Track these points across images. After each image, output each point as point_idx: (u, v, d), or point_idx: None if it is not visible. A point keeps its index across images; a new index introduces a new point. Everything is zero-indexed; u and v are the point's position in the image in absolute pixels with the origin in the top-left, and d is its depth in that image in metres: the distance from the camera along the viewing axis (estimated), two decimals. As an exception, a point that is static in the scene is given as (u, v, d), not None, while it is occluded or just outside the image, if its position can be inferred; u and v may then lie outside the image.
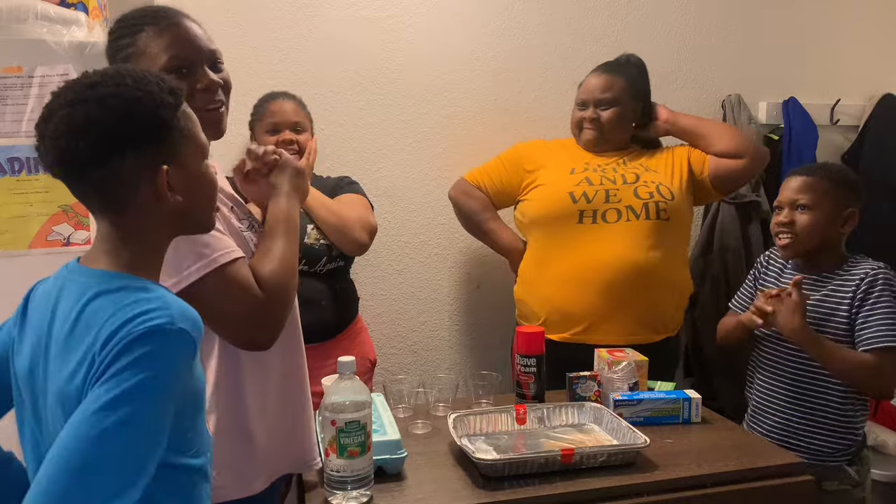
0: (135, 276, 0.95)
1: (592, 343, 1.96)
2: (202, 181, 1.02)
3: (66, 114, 0.92)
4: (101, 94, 0.92)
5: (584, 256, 2.03)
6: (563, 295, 2.05)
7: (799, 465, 1.45)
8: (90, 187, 0.95)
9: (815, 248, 1.80)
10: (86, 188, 0.96)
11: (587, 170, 2.12)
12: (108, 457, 0.80)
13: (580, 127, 2.20)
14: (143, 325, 0.85)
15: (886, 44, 2.87)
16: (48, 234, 1.71)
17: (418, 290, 2.55)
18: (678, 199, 2.10)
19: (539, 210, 2.12)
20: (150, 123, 0.94)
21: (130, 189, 0.94)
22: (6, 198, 1.69)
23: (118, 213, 0.96)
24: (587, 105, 2.19)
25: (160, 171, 0.95)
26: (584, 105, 2.20)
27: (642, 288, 2.00)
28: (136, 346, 0.84)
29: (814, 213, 1.77)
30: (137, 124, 0.93)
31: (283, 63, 2.36)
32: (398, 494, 1.31)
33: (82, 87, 0.94)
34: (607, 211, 2.05)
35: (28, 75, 1.67)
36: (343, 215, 1.99)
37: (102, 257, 0.97)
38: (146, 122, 0.94)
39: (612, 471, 1.38)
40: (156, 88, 0.96)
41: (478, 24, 2.51)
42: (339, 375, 1.27)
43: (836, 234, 1.80)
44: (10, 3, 1.65)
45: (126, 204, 0.95)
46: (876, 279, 1.73)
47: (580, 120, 2.19)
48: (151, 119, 0.94)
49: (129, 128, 0.93)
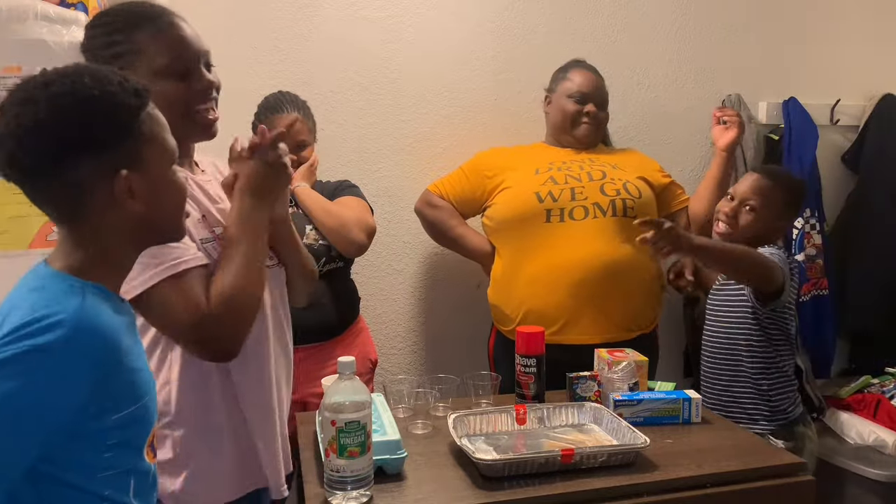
0: (72, 277, 0.89)
1: (568, 343, 1.99)
2: (167, 188, 0.97)
3: (16, 114, 0.87)
4: (53, 93, 0.87)
5: (554, 256, 2.04)
6: (536, 296, 2.05)
7: (799, 465, 1.45)
8: (39, 191, 0.90)
9: (745, 242, 1.88)
10: (35, 192, 0.91)
11: (551, 169, 2.13)
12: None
13: (575, 120, 2.20)
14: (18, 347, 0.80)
15: (886, 44, 2.87)
16: (48, 234, 1.71)
17: (418, 290, 2.55)
18: (645, 196, 2.13)
19: (506, 212, 2.12)
20: (106, 125, 0.89)
21: (84, 195, 0.89)
22: (6, 198, 1.69)
23: (71, 220, 0.91)
24: (587, 100, 2.20)
25: (118, 177, 0.89)
26: (583, 99, 2.20)
27: (613, 284, 2.02)
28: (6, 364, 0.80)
29: (757, 216, 1.90)
30: (90, 126, 0.88)
31: (283, 63, 2.36)
32: (398, 494, 1.31)
33: (35, 86, 0.88)
34: (574, 209, 2.06)
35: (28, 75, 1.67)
36: (341, 216, 1.99)
37: (58, 261, 0.93)
38: (101, 124, 0.89)
39: (611, 471, 1.38)
40: (117, 88, 0.90)
41: (477, 23, 2.51)
42: (339, 375, 1.26)
43: (766, 238, 1.91)
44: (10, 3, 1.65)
45: (80, 211, 0.90)
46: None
47: (577, 113, 2.20)
48: (107, 121, 0.89)
49: (81, 130, 0.87)
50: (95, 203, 0.90)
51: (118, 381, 0.88)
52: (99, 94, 0.88)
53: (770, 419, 1.88)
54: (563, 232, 2.05)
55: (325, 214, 1.98)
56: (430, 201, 2.29)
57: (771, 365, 1.88)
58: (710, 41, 2.71)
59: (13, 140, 0.87)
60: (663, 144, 2.67)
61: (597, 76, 2.26)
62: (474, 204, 2.24)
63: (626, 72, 2.63)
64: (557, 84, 2.26)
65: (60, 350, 0.82)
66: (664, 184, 2.25)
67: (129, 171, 0.90)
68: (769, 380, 1.88)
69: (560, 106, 2.23)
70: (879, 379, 2.64)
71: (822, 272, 2.64)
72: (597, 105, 2.21)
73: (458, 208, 2.26)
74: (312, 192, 2.03)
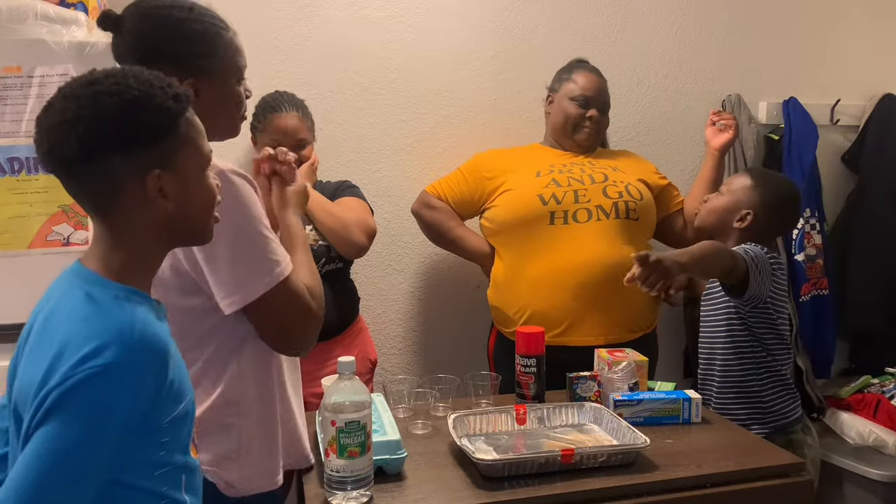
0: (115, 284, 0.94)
1: (571, 345, 1.98)
2: (197, 190, 1.00)
3: (61, 108, 0.92)
4: (97, 91, 0.92)
5: (558, 258, 2.03)
6: (540, 298, 2.04)
7: (799, 465, 1.45)
8: (79, 184, 0.95)
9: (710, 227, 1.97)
10: (75, 184, 0.96)
11: (552, 171, 2.13)
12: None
13: (577, 124, 2.20)
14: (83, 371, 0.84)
15: (886, 44, 2.87)
16: (48, 234, 1.71)
17: (418, 290, 2.55)
18: (646, 199, 2.14)
19: (508, 214, 2.11)
20: (144, 125, 0.93)
21: (117, 189, 0.94)
22: (6, 198, 1.69)
23: (105, 212, 0.96)
24: (590, 104, 2.19)
25: (151, 175, 0.94)
26: (586, 103, 2.19)
27: (616, 286, 1.99)
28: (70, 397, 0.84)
29: (720, 199, 1.96)
30: (129, 124, 0.92)
31: (283, 63, 2.36)
32: (398, 494, 1.31)
33: (81, 83, 0.93)
34: (577, 211, 2.05)
35: (28, 75, 1.67)
36: (342, 218, 1.98)
37: (94, 260, 0.97)
38: (139, 124, 0.93)
39: (612, 471, 1.38)
40: (158, 91, 0.95)
41: (478, 24, 2.51)
42: (339, 375, 1.27)
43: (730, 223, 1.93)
44: (10, 3, 1.66)
45: (112, 204, 0.95)
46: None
47: (579, 117, 2.19)
48: (146, 121, 0.93)
49: (120, 127, 0.92)
50: (127, 198, 0.94)
51: (170, 384, 0.93)
52: (141, 95, 0.93)
53: (763, 422, 1.84)
54: (566, 234, 2.04)
55: (326, 215, 1.98)
56: (427, 203, 2.28)
57: (761, 366, 1.84)
58: (710, 41, 2.71)
59: (56, 133, 0.91)
60: (663, 144, 2.67)
61: (600, 79, 2.24)
62: (473, 206, 2.24)
63: (626, 72, 2.63)
64: (560, 84, 2.25)
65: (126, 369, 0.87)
66: (661, 185, 2.25)
67: (163, 171, 0.95)
68: (760, 381, 1.84)
69: (562, 108, 2.22)
70: (879, 379, 2.64)
71: (822, 272, 2.64)
72: (599, 109, 2.20)
73: (456, 210, 2.25)
74: (314, 191, 2.03)
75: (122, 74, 0.95)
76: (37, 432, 0.84)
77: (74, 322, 0.89)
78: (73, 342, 0.87)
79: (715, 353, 1.90)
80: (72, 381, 0.84)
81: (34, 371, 0.88)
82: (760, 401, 1.85)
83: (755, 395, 1.85)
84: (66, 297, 0.94)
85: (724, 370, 1.88)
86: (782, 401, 1.87)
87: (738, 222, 1.91)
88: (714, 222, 1.96)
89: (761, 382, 1.85)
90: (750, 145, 2.65)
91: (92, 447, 0.84)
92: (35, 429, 0.84)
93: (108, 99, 0.91)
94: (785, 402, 1.87)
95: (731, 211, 1.92)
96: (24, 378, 0.91)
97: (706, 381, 1.94)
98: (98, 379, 0.84)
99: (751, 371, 1.85)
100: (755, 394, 1.85)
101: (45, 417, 0.84)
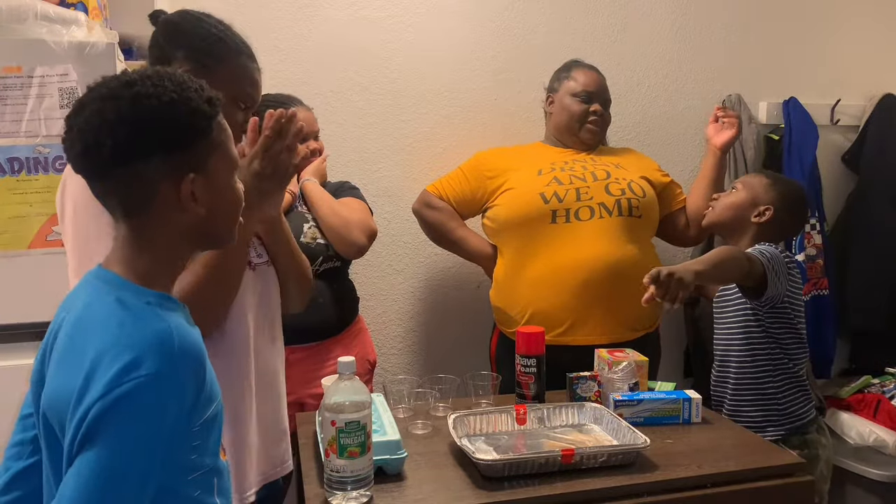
0: (147, 290, 0.93)
1: (574, 344, 1.97)
2: (227, 194, 1.00)
3: (98, 108, 0.90)
4: (136, 93, 0.90)
5: (560, 257, 2.02)
6: (542, 297, 2.03)
7: (799, 465, 1.45)
8: (111, 185, 0.93)
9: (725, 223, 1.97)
10: (106, 186, 0.94)
11: (554, 169, 2.12)
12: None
13: (582, 121, 2.19)
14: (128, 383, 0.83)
15: (886, 44, 2.87)
16: (48, 235, 1.71)
17: (418, 290, 2.55)
18: (649, 196, 2.13)
19: (510, 213, 2.10)
20: (182, 128, 0.92)
21: (151, 192, 0.92)
22: (6, 198, 1.69)
23: (136, 215, 0.94)
24: (593, 99, 2.19)
25: (185, 179, 0.93)
26: (589, 98, 2.19)
27: (619, 285, 2.00)
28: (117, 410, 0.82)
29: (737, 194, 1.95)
30: (169, 127, 0.91)
31: (283, 63, 2.36)
32: (398, 495, 1.31)
33: (118, 84, 0.92)
34: (580, 209, 2.05)
35: (27, 75, 1.67)
36: (346, 217, 1.98)
37: (119, 264, 0.95)
38: (178, 127, 0.92)
39: (612, 471, 1.38)
40: (194, 94, 0.94)
41: (478, 23, 2.51)
42: (339, 376, 1.26)
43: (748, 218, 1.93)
44: (10, 3, 1.65)
45: (145, 207, 0.93)
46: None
47: (584, 113, 2.19)
48: (184, 124, 0.92)
49: (160, 130, 0.91)
50: (160, 202, 0.93)
51: (206, 388, 0.92)
52: (178, 98, 0.92)
53: (779, 424, 1.83)
54: (568, 233, 2.03)
55: (330, 213, 1.97)
56: (428, 202, 2.27)
57: (777, 367, 1.83)
58: (710, 41, 2.71)
59: (93, 133, 0.90)
60: (663, 144, 2.67)
61: (599, 75, 2.25)
62: (474, 205, 2.23)
63: (626, 72, 2.63)
64: (560, 83, 2.25)
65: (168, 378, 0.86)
66: (664, 183, 2.25)
67: (196, 175, 0.94)
68: (775, 383, 1.83)
69: (565, 105, 2.21)
70: (880, 379, 2.65)
71: (822, 272, 2.64)
72: (602, 104, 2.20)
73: (457, 209, 2.25)
74: (321, 190, 2.03)
75: (157, 76, 0.93)
76: (86, 451, 0.81)
77: (109, 330, 0.87)
78: (109, 351, 0.85)
79: (730, 356, 1.89)
80: (116, 392, 0.82)
81: (68, 381, 0.86)
82: (776, 403, 1.83)
83: (771, 397, 1.84)
84: (96, 302, 0.92)
85: (740, 372, 1.86)
86: (798, 402, 1.85)
87: (756, 217, 1.91)
88: (730, 217, 1.95)
89: (777, 384, 1.84)
90: (750, 145, 2.65)
91: (147, 458, 0.83)
92: (82, 445, 0.82)
93: (148, 101, 0.90)
94: (800, 403, 1.86)
95: (750, 207, 1.92)
96: (56, 386, 0.89)
97: (720, 383, 1.92)
98: (143, 389, 0.83)
99: (767, 373, 1.84)
100: (771, 396, 1.84)
101: (92, 432, 0.81)
